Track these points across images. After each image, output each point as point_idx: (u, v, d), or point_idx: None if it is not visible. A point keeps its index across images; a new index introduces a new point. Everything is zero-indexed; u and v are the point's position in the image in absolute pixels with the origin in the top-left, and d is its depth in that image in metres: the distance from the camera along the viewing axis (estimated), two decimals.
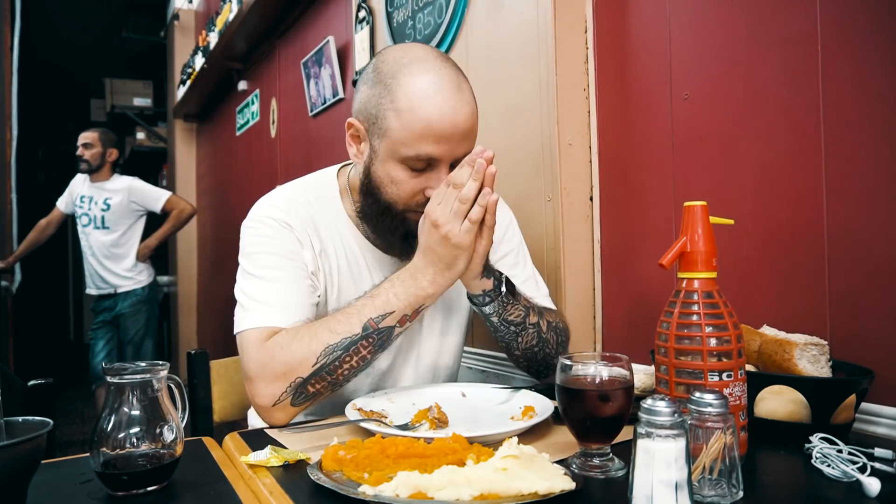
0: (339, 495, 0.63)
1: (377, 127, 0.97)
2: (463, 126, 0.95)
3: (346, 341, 0.92)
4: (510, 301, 1.04)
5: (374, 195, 1.01)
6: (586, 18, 1.35)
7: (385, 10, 1.96)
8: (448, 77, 0.96)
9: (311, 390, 0.93)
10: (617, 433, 0.73)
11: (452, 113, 0.94)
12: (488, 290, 1.03)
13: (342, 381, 0.95)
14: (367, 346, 0.93)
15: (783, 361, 0.84)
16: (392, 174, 0.98)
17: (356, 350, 0.92)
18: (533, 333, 1.08)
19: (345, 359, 0.92)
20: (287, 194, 1.09)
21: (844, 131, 0.92)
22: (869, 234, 0.89)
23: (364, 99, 1.00)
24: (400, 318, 0.93)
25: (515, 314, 1.05)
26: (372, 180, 1.00)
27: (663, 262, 0.76)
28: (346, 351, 0.92)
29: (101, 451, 0.68)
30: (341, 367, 0.93)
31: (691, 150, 1.15)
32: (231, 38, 3.29)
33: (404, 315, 0.93)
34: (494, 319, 1.05)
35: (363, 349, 0.93)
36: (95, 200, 3.54)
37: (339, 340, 0.92)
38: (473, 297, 1.05)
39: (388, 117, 0.95)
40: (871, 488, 0.63)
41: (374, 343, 0.93)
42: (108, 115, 6.37)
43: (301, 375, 0.92)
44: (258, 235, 1.04)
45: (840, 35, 0.93)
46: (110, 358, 3.52)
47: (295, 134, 2.96)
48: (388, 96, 0.95)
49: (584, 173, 1.35)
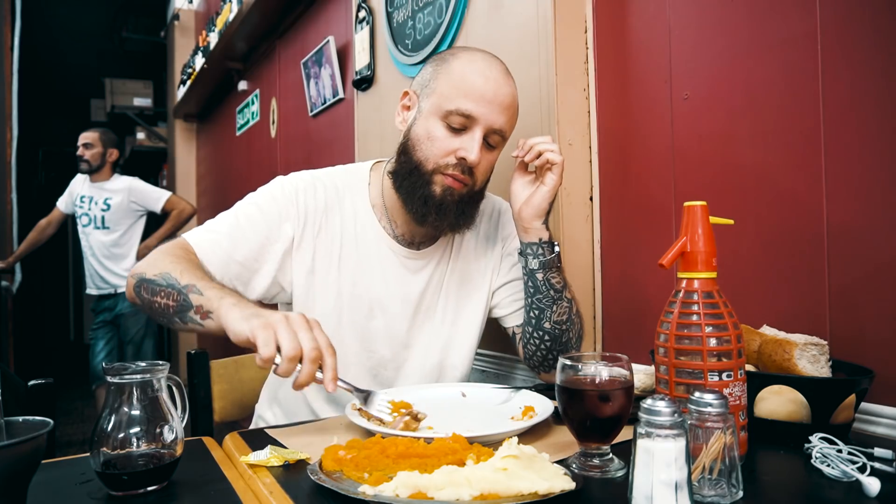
0: (339, 495, 0.63)
1: (428, 89, 1.07)
2: (503, 97, 1.04)
3: (172, 281, 0.95)
4: (557, 265, 1.09)
5: (409, 153, 1.07)
6: (586, 18, 1.35)
7: (385, 10, 1.96)
8: (499, 65, 1.07)
9: (141, 292, 0.99)
10: (617, 433, 0.73)
11: (496, 83, 1.04)
12: (544, 240, 1.08)
13: (154, 310, 0.98)
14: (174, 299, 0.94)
15: (783, 361, 0.84)
16: (430, 130, 1.05)
17: (169, 293, 0.95)
18: (566, 308, 1.11)
19: (161, 291, 0.96)
20: (317, 175, 1.16)
21: (844, 131, 0.92)
22: (869, 234, 0.89)
23: (423, 73, 1.11)
24: (198, 304, 0.92)
25: (558, 279, 1.10)
26: (410, 138, 1.08)
27: (663, 262, 0.76)
28: (166, 286, 0.95)
29: (102, 451, 0.68)
30: (157, 296, 0.96)
31: (691, 150, 1.15)
32: (231, 38, 3.29)
33: (201, 306, 0.92)
34: (539, 276, 1.09)
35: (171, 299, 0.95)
36: (95, 200, 3.54)
37: (173, 276, 0.95)
38: (528, 246, 1.09)
39: (439, 79, 1.06)
40: (871, 488, 0.63)
41: (178, 302, 0.94)
42: (108, 115, 6.37)
43: (146, 273, 0.99)
44: (269, 189, 1.12)
45: (840, 35, 0.93)
46: (110, 358, 3.52)
47: (295, 134, 2.96)
48: (445, 67, 1.07)
49: (584, 173, 1.35)
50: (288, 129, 3.05)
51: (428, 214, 1.06)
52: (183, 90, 4.53)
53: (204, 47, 3.85)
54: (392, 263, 1.14)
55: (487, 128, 1.03)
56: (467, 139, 1.03)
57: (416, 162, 1.06)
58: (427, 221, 1.07)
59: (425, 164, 1.05)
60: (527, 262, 1.09)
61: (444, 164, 1.04)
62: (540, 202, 1.07)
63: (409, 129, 1.09)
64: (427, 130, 1.05)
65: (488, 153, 1.07)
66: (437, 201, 1.05)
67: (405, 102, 1.13)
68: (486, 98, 1.02)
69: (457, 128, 1.03)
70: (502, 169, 1.17)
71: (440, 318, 1.17)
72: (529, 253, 1.09)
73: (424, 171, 1.05)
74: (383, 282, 1.13)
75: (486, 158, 1.07)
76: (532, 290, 1.10)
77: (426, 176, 1.05)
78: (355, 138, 2.21)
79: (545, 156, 1.04)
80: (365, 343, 1.13)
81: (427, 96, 1.07)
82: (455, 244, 1.19)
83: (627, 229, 1.29)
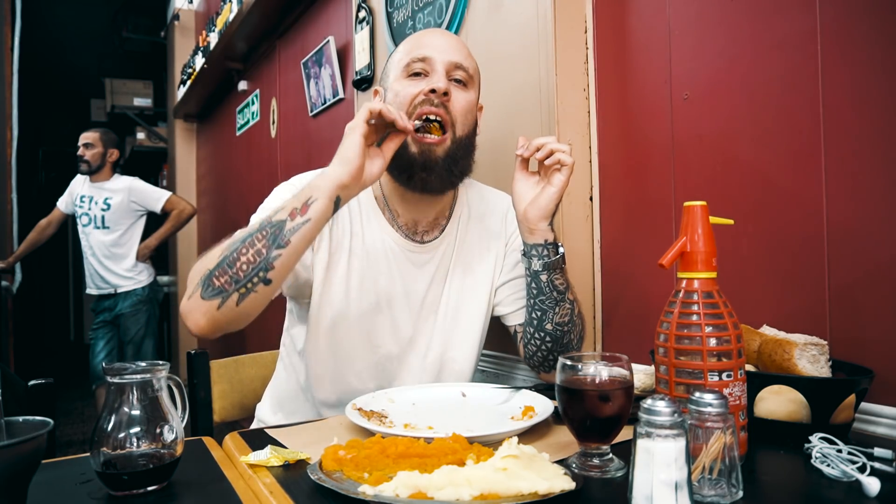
0: (339, 495, 0.63)
1: (387, 69, 1.14)
2: (453, 40, 1.11)
3: (244, 234, 0.93)
4: (561, 266, 1.09)
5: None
6: (586, 18, 1.35)
7: (385, 10, 1.96)
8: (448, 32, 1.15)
9: (216, 283, 0.92)
10: (617, 433, 0.73)
11: (441, 33, 1.13)
12: (549, 241, 1.08)
13: (242, 277, 0.91)
14: (261, 238, 0.92)
15: (783, 361, 0.84)
16: (397, 90, 1.08)
17: (251, 242, 0.92)
18: (568, 309, 1.11)
19: (241, 251, 0.92)
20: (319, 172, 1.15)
21: (844, 131, 0.92)
22: (869, 233, 0.89)
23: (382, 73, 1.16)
24: (290, 212, 0.92)
25: (561, 281, 1.10)
26: None
27: (663, 262, 0.76)
28: (242, 243, 0.92)
29: (102, 451, 0.68)
30: (239, 258, 0.92)
31: (691, 150, 1.15)
32: (231, 38, 3.29)
33: (293, 208, 0.92)
34: (543, 278, 1.08)
35: (258, 242, 0.92)
36: (96, 200, 3.54)
37: (241, 236, 0.94)
38: (533, 248, 1.08)
39: (393, 57, 1.13)
40: (871, 488, 0.63)
41: (267, 236, 0.92)
42: (109, 115, 6.37)
43: (209, 267, 0.93)
44: (273, 194, 1.12)
45: (840, 35, 0.93)
46: (110, 358, 3.52)
47: (295, 134, 2.96)
48: (396, 48, 1.14)
49: (584, 173, 1.35)
50: (288, 129, 3.05)
51: (413, 175, 1.06)
52: (183, 90, 4.53)
53: (204, 47, 3.85)
54: (397, 258, 1.14)
55: (448, 63, 1.07)
56: (431, 81, 1.06)
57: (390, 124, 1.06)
58: (413, 181, 1.07)
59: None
60: (531, 263, 1.08)
61: (414, 109, 1.05)
62: (547, 203, 1.06)
63: None
64: (394, 93, 1.09)
65: (459, 91, 1.08)
66: (419, 161, 1.05)
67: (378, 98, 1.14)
68: (436, 42, 1.09)
69: (419, 77, 1.07)
70: (509, 168, 1.16)
71: (443, 311, 1.17)
72: (534, 254, 1.08)
73: None
74: (389, 276, 1.14)
75: (459, 95, 1.08)
76: (535, 292, 1.10)
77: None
78: None
79: (556, 156, 1.03)
80: (371, 337, 1.14)
81: (387, 74, 1.13)
82: (459, 238, 1.20)
83: (627, 229, 1.29)
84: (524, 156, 1.07)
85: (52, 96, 7.26)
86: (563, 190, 1.06)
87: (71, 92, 7.30)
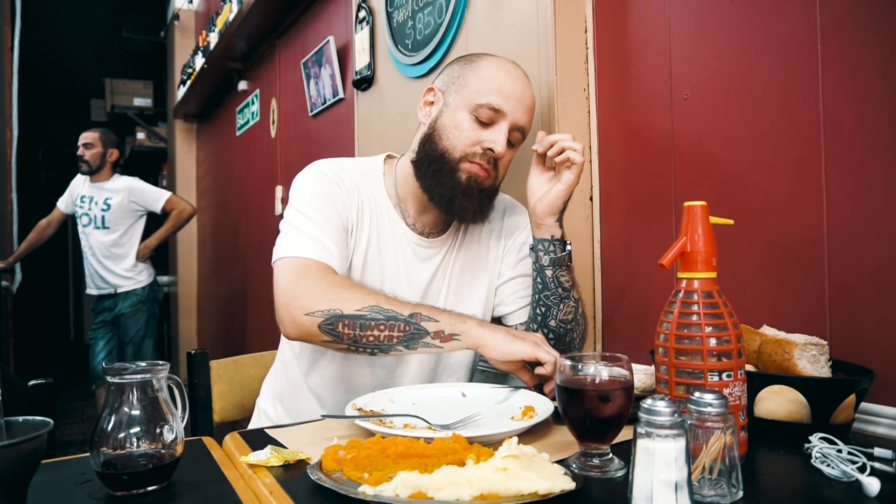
0: (339, 495, 0.63)
1: (456, 85, 1.11)
2: (528, 98, 1.10)
3: (391, 314, 0.96)
4: (567, 263, 1.10)
5: (434, 142, 1.10)
6: (586, 18, 1.35)
7: (385, 10, 1.96)
8: (523, 71, 1.12)
9: (338, 328, 0.96)
10: (617, 433, 0.73)
11: (522, 84, 1.10)
12: (557, 237, 1.09)
13: (363, 343, 0.97)
14: (400, 330, 0.96)
15: (783, 361, 0.84)
16: (458, 121, 1.09)
17: (392, 326, 0.96)
18: (572, 307, 1.12)
19: (380, 325, 0.96)
20: (338, 160, 1.19)
21: (844, 131, 0.92)
22: (869, 234, 0.89)
23: (450, 71, 1.15)
24: (436, 330, 0.96)
25: (567, 278, 1.11)
26: (436, 129, 1.11)
27: (663, 262, 0.76)
28: (385, 319, 0.96)
29: (101, 451, 0.68)
30: (373, 330, 0.96)
31: (691, 150, 1.15)
32: (231, 38, 3.29)
33: (441, 330, 0.96)
34: (548, 273, 1.10)
35: (396, 330, 0.96)
36: (96, 200, 3.54)
37: (388, 308, 0.97)
38: (540, 242, 1.10)
39: (468, 76, 1.10)
40: (871, 488, 0.63)
41: (406, 332, 0.96)
42: (108, 115, 6.37)
43: (342, 309, 0.96)
44: (308, 185, 1.12)
45: (840, 35, 0.93)
46: (110, 358, 3.52)
47: (295, 134, 2.96)
48: (473, 66, 1.12)
49: (584, 173, 1.34)
50: (288, 129, 3.05)
51: (454, 198, 1.09)
52: (183, 90, 4.53)
53: (204, 47, 3.85)
54: (404, 249, 1.17)
55: (513, 123, 1.08)
56: (494, 132, 1.07)
57: (442, 150, 1.09)
58: (454, 205, 1.10)
59: (452, 152, 1.08)
60: (538, 257, 1.11)
61: (471, 153, 1.08)
62: (554, 199, 1.08)
63: (434, 120, 1.12)
64: (455, 121, 1.09)
65: (509, 150, 1.10)
66: (463, 187, 1.08)
67: (428, 98, 1.16)
68: (515, 96, 1.08)
69: (484, 121, 1.07)
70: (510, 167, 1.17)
71: (441, 303, 1.18)
72: (541, 249, 1.10)
73: (451, 158, 1.08)
74: (395, 265, 1.16)
75: (509, 155, 1.11)
76: (540, 287, 1.11)
77: (452, 163, 1.08)
78: (355, 138, 2.21)
79: (567, 153, 1.06)
80: None
81: (455, 91, 1.11)
82: (461, 235, 1.22)
83: (627, 229, 1.29)
84: (539, 151, 1.10)
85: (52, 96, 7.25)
86: (573, 187, 1.08)
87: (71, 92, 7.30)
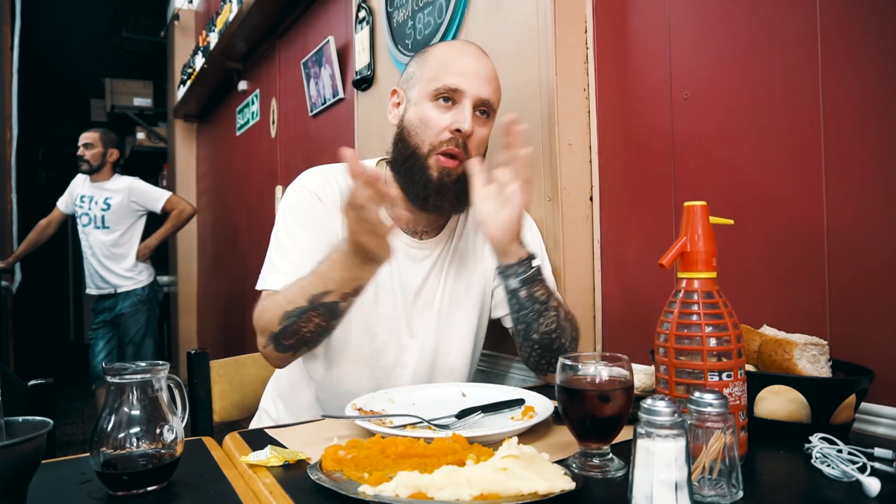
0: (339, 495, 0.63)
1: (414, 79, 1.14)
2: (485, 70, 1.11)
3: (299, 310, 0.99)
4: (539, 278, 1.08)
5: (405, 140, 1.12)
6: (586, 18, 1.35)
7: (385, 10, 1.96)
8: (475, 45, 1.15)
9: (286, 343, 1.02)
10: (617, 433, 0.73)
11: (475, 58, 1.12)
12: (524, 258, 1.07)
13: (311, 338, 1.02)
14: (316, 315, 0.99)
15: (783, 361, 0.84)
16: (422, 113, 1.10)
17: (308, 318, 0.99)
18: (553, 317, 1.09)
19: (300, 324, 1.00)
20: (326, 169, 1.21)
21: (844, 131, 0.92)
22: (869, 234, 0.89)
23: (407, 69, 1.17)
24: (340, 296, 0.98)
25: (541, 291, 1.09)
26: (405, 127, 1.13)
27: (663, 262, 0.76)
28: (299, 318, 0.99)
29: (101, 451, 0.68)
30: (301, 329, 1.00)
31: (691, 150, 1.15)
32: (231, 38, 3.29)
33: (344, 293, 0.98)
34: (522, 294, 1.07)
35: (315, 318, 0.99)
36: (96, 200, 3.54)
37: (292, 309, 0.99)
38: (507, 268, 1.07)
39: (422, 66, 1.13)
40: (871, 488, 0.63)
41: (322, 314, 0.99)
42: (108, 115, 6.36)
43: (273, 331, 1.02)
44: (289, 203, 1.15)
45: (840, 35, 0.93)
46: (110, 358, 3.52)
47: (295, 134, 2.96)
48: (425, 56, 1.15)
49: (584, 173, 1.35)
50: (288, 129, 3.05)
51: (428, 197, 1.10)
52: (183, 90, 4.53)
53: (204, 47, 3.85)
54: (396, 251, 1.15)
55: (476, 99, 1.08)
56: (458, 111, 1.08)
57: (413, 147, 1.10)
58: (428, 204, 1.11)
59: (421, 148, 1.09)
60: (507, 283, 1.07)
61: (439, 143, 1.08)
62: (511, 226, 1.04)
63: (401, 119, 1.14)
64: (419, 115, 1.10)
65: (480, 126, 1.10)
66: (435, 184, 1.09)
67: (394, 100, 1.19)
68: (469, 71, 1.09)
69: (447, 105, 1.09)
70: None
71: (437, 306, 1.19)
72: (510, 273, 1.06)
73: (421, 154, 1.09)
74: (388, 267, 1.14)
75: (479, 131, 1.11)
76: (516, 308, 1.08)
77: (422, 160, 1.09)
78: (355, 138, 2.21)
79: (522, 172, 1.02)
80: (368, 326, 1.15)
81: (413, 86, 1.13)
82: (456, 234, 1.22)
83: (627, 229, 1.29)
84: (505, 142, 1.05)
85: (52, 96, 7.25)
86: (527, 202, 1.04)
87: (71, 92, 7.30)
